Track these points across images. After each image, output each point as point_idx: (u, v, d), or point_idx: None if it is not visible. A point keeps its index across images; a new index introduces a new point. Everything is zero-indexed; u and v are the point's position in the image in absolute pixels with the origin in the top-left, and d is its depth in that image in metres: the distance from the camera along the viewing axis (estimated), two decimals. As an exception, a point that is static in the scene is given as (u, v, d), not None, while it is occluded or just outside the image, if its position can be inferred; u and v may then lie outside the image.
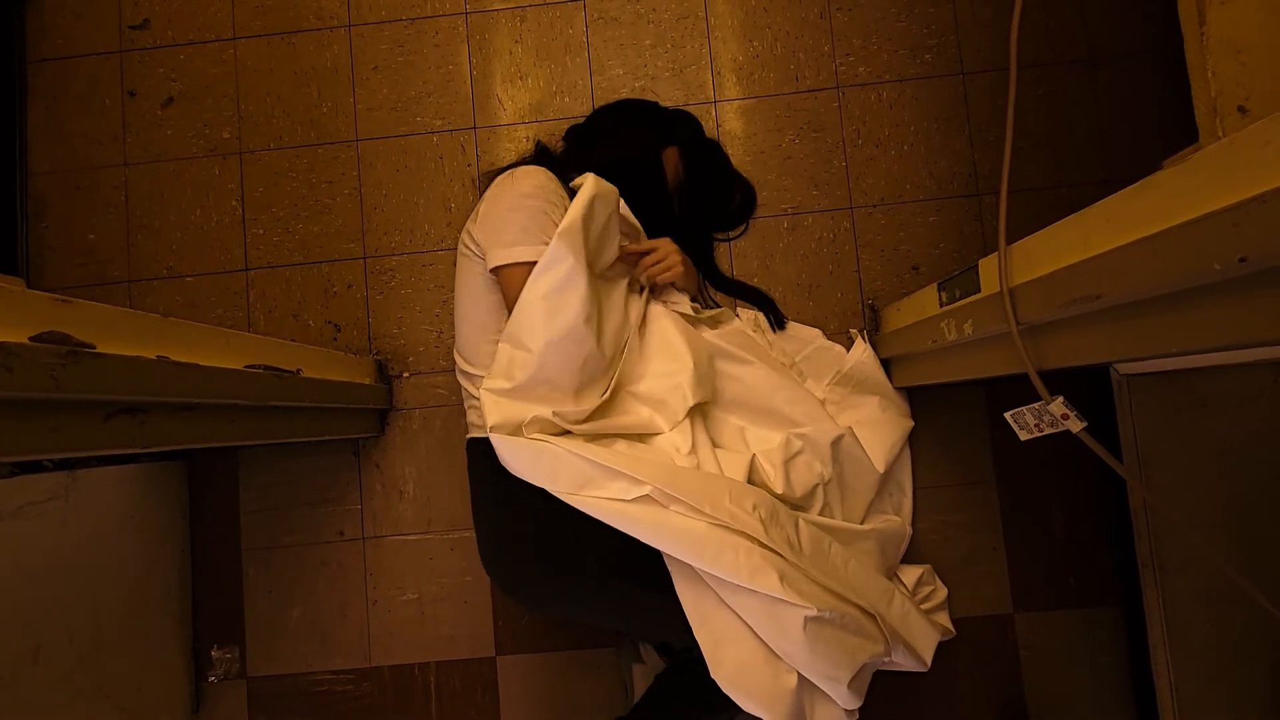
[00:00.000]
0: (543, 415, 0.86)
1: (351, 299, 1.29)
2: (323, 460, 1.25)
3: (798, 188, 1.27)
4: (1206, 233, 0.45)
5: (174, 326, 0.73)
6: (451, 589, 1.22)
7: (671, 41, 1.32)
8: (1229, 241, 0.43)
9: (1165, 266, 0.49)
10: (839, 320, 1.23)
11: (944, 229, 1.25)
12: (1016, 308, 0.70)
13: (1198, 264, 0.46)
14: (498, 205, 0.93)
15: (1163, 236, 0.49)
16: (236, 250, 1.31)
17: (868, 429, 1.11)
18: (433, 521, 1.23)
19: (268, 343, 0.92)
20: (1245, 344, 0.47)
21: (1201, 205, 0.46)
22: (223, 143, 1.34)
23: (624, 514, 0.83)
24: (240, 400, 0.81)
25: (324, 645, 1.23)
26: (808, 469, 1.01)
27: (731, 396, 1.06)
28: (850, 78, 1.29)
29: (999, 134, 1.26)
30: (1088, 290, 0.58)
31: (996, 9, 1.29)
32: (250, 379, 0.84)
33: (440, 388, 1.26)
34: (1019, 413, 0.75)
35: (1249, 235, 0.42)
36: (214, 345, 0.79)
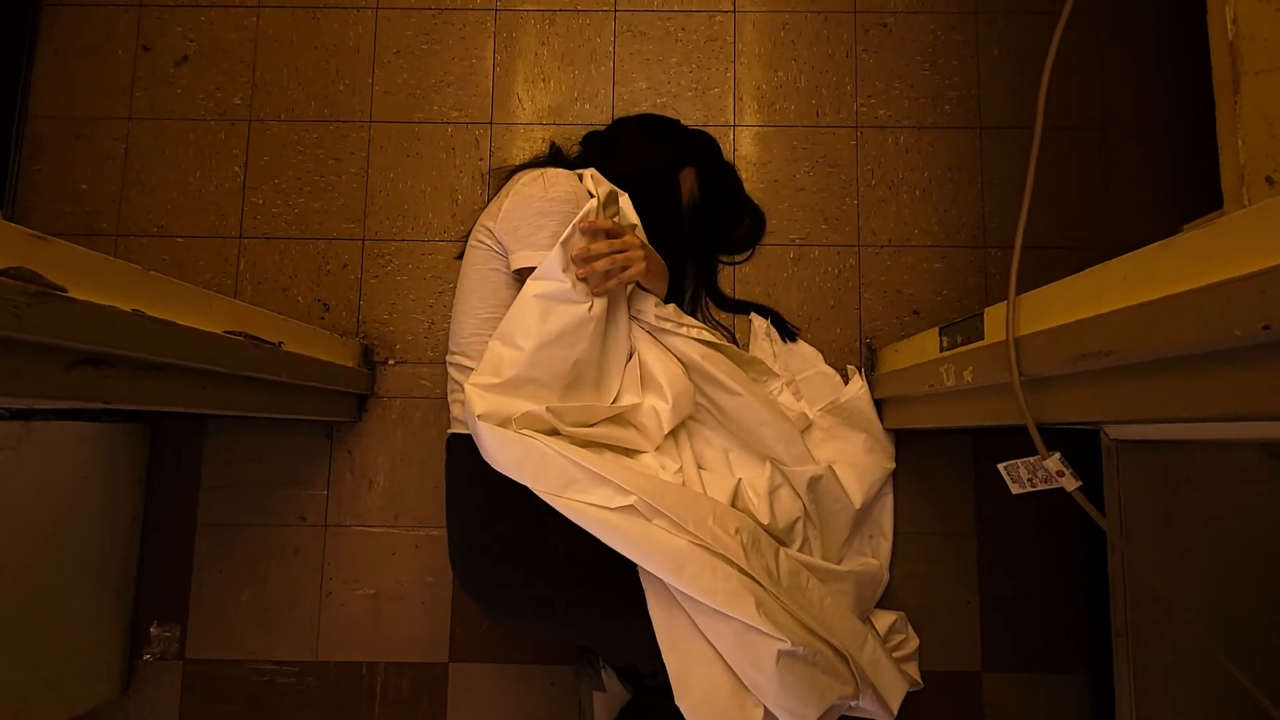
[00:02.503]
0: (535, 411, 0.83)
1: (344, 279, 1.26)
2: (293, 440, 1.21)
3: (807, 220, 1.27)
4: (1230, 297, 0.44)
5: (154, 281, 0.70)
6: (411, 588, 1.18)
7: (698, 62, 1.33)
8: (1253, 308, 0.43)
9: (1183, 328, 0.48)
10: (835, 356, 1.22)
11: (948, 277, 1.25)
12: (1021, 358, 0.69)
13: (1218, 328, 0.45)
14: (529, 206, 0.90)
15: (1183, 298, 0.48)
16: (232, 217, 1.28)
17: (849, 466, 1.10)
18: (400, 516, 1.19)
19: (251, 311, 0.89)
20: (1257, 415, 0.46)
21: (1226, 269, 0.45)
22: (233, 108, 1.32)
23: (605, 522, 0.80)
24: (215, 366, 0.78)
25: (270, 633, 1.17)
26: (790, 502, 1.00)
27: (719, 421, 1.04)
28: (869, 118, 1.30)
29: (1011, 190, 1.27)
30: (1098, 346, 0.57)
31: (1018, 69, 1.31)
32: (228, 345, 0.81)
33: (425, 379, 1.23)
34: (1012, 465, 0.74)
35: (1275, 302, 0.41)
36: (194, 306, 0.76)
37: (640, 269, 0.89)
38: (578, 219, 0.86)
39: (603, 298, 0.89)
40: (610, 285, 0.88)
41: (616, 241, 0.87)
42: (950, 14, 1.33)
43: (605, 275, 0.87)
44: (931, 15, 1.33)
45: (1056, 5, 1.33)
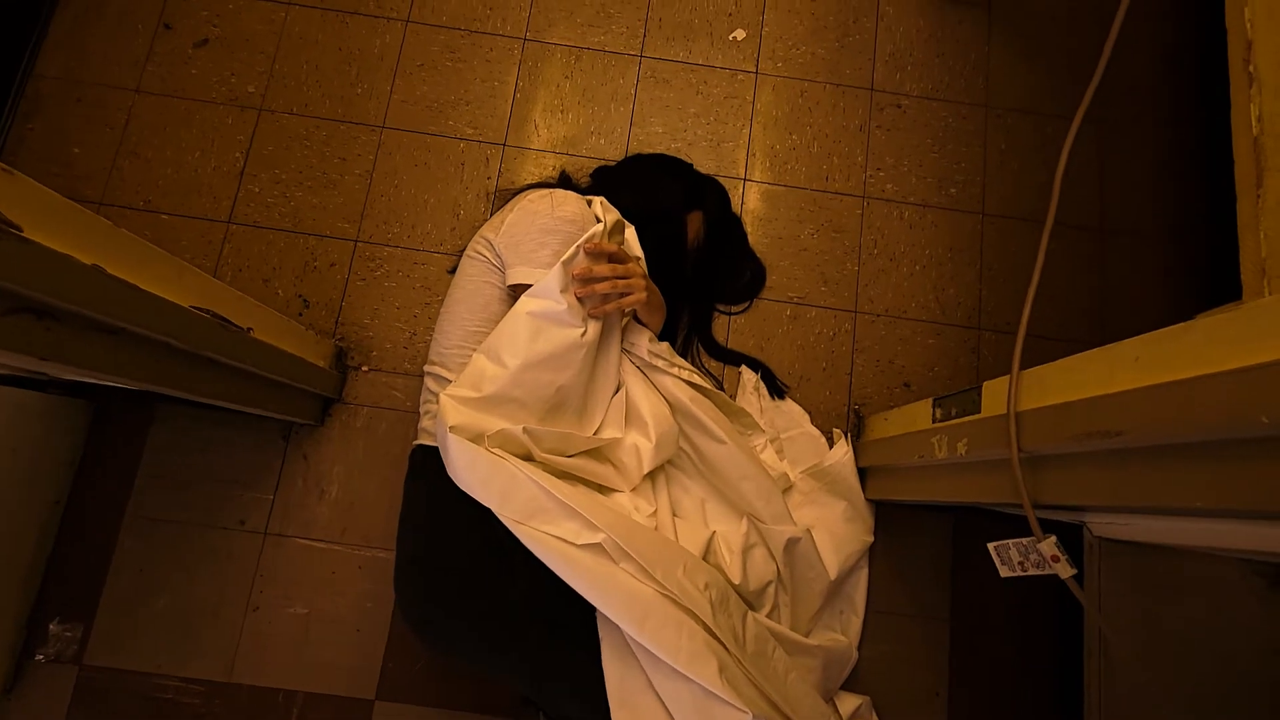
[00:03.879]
0: (511, 430, 0.78)
1: (330, 278, 1.22)
2: (247, 437, 1.14)
3: (807, 280, 1.27)
4: (1257, 383, 0.42)
5: (124, 238, 0.66)
6: (347, 611, 1.09)
7: (715, 116, 1.35)
8: (1283, 396, 0.40)
9: (1204, 412, 0.45)
10: (822, 418, 1.19)
11: (941, 353, 1.25)
12: (1021, 434, 0.67)
13: (1244, 415, 0.43)
14: (533, 222, 0.88)
15: (1206, 380, 0.46)
16: (225, 201, 1.25)
17: (827, 534, 1.05)
18: (348, 531, 1.11)
19: (224, 290, 0.84)
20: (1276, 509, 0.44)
21: (1253, 356, 0.43)
22: (245, 95, 1.30)
23: (569, 558, 0.74)
24: (173, 340, 0.73)
25: (183, 645, 1.07)
26: (764, 563, 0.95)
27: (698, 469, 1.00)
28: (877, 191, 1.32)
29: (1008, 277, 1.29)
30: (1108, 425, 0.55)
31: (1023, 163, 1.35)
32: (192, 320, 0.75)
33: (397, 390, 1.17)
34: (1003, 546, 0.70)
35: (1307, 392, 0.39)
36: (163, 272, 0.71)
37: (641, 298, 0.86)
38: (583, 239, 0.83)
39: (597, 325, 0.86)
40: (608, 309, 0.85)
41: (620, 267, 0.85)
42: (962, 104, 1.37)
43: (604, 299, 0.84)
44: (944, 103, 1.37)
45: (1063, 109, 1.39)
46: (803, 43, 1.39)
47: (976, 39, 1.41)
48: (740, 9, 1.40)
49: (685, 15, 1.39)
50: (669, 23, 1.39)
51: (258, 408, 0.96)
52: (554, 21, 1.37)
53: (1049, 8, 1.44)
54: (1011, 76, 1.39)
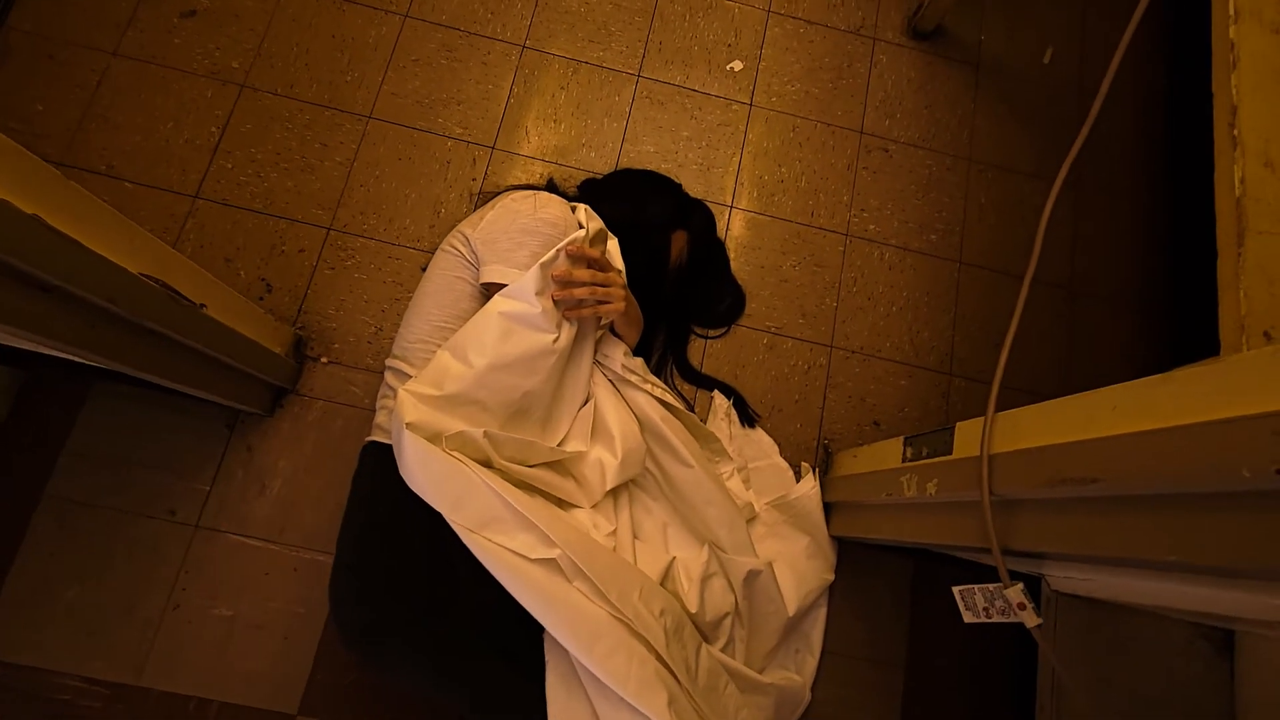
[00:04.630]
0: (471, 433, 0.74)
1: (297, 263, 1.17)
2: (189, 422, 1.07)
3: (786, 311, 1.27)
4: (1242, 435, 0.41)
5: (72, 192, 0.61)
6: (276, 617, 1.01)
7: (707, 141, 1.35)
8: (1267, 449, 0.40)
9: (1185, 462, 0.45)
10: (791, 450, 1.17)
11: (912, 395, 1.25)
12: (993, 477, 0.66)
13: (1225, 466, 0.42)
14: (513, 221, 0.86)
15: (1188, 430, 0.45)
16: (194, 174, 1.19)
17: (788, 569, 1.03)
18: (286, 531, 1.05)
19: (180, 261, 0.79)
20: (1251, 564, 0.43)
21: (1233, 408, 0.43)
22: (229, 70, 1.26)
23: (521, 573, 0.70)
24: (115, 306, 0.68)
25: (89, 642, 0.98)
26: (723, 594, 0.92)
27: (663, 491, 0.97)
28: (860, 230, 1.34)
29: (981, 327, 1.31)
30: (1083, 472, 0.54)
31: (1000, 218, 1.38)
32: (139, 288, 0.71)
33: (356, 386, 1.12)
34: (969, 591, 0.69)
35: (1290, 447, 0.39)
36: (112, 233, 0.67)
37: (619, 308, 0.84)
38: (565, 242, 0.81)
39: (570, 332, 0.84)
40: (584, 314, 0.83)
41: (600, 274, 0.83)
42: (946, 155, 1.40)
43: (580, 304, 0.82)
44: (930, 152, 1.40)
45: (1041, 171, 1.43)
46: (797, 80, 1.41)
47: (963, 96, 1.45)
48: (739, 41, 1.42)
49: (685, 42, 1.41)
50: (669, 47, 1.40)
51: (203, 390, 0.91)
52: (555, 33, 1.37)
53: (1031, 76, 1.49)
54: (994, 135, 1.43)
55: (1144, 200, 1.44)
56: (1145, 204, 1.43)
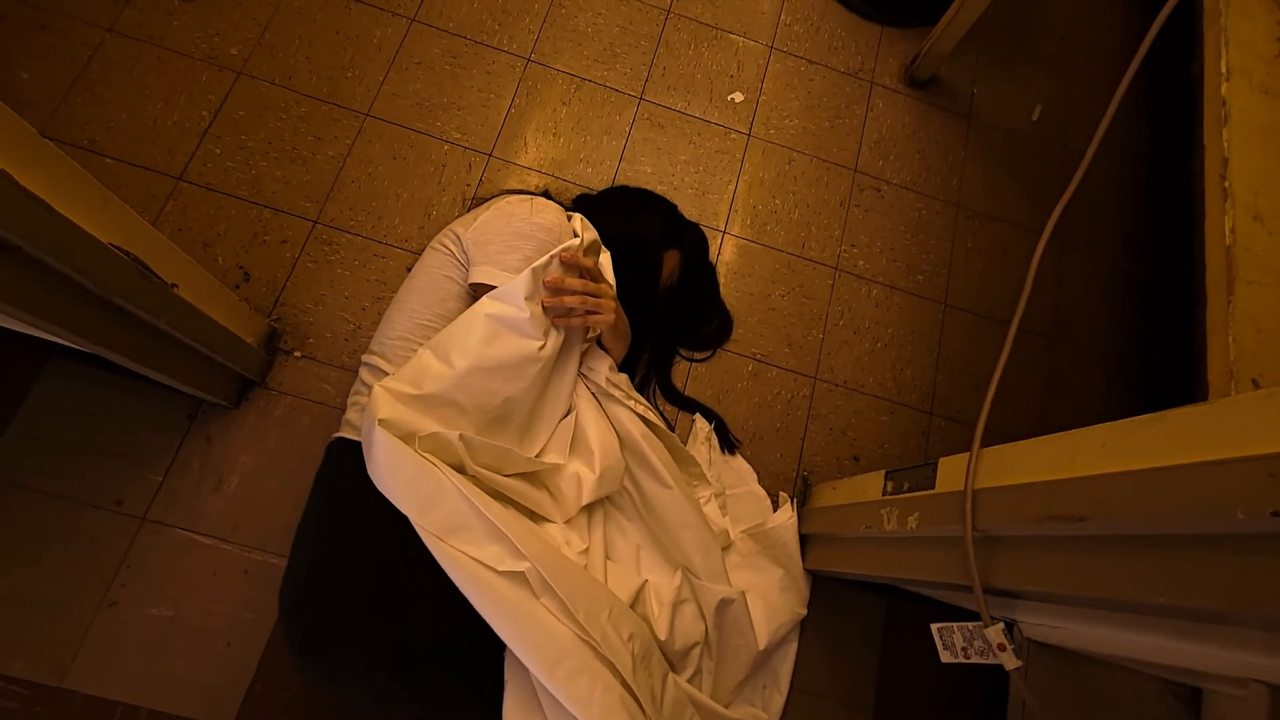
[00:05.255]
0: (446, 435, 0.71)
1: (278, 254, 1.14)
2: (148, 409, 1.02)
3: (773, 339, 1.26)
4: (1237, 476, 0.41)
5: (46, 151, 0.59)
6: (220, 622, 0.95)
7: (704, 166, 1.36)
8: (1262, 491, 0.39)
9: (1178, 502, 0.44)
10: (770, 480, 1.16)
11: (892, 432, 1.25)
12: (977, 512, 0.65)
13: (1219, 507, 0.41)
14: (508, 224, 0.84)
15: (1181, 471, 0.44)
16: (180, 156, 1.16)
17: (760, 601, 1.00)
18: (240, 530, 0.99)
19: (154, 237, 0.76)
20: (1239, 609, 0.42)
21: (1225, 450, 0.43)
22: (227, 57, 1.24)
23: (486, 585, 0.67)
24: (79, 276, 0.64)
25: (13, 637, 0.91)
26: (693, 622, 0.89)
27: (639, 511, 0.94)
28: (849, 265, 1.35)
29: (963, 368, 1.31)
30: (1070, 510, 0.53)
31: (986, 264, 1.41)
32: (107, 259, 0.67)
33: (328, 383, 1.08)
34: (947, 629, 0.67)
35: (1286, 490, 0.38)
36: (86, 198, 0.64)
37: (608, 320, 0.83)
38: (559, 249, 0.80)
39: (556, 341, 0.82)
40: (573, 323, 0.81)
41: (592, 284, 0.82)
42: (936, 200, 1.43)
43: (570, 312, 0.80)
44: (920, 195, 1.43)
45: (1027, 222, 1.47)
46: (796, 116, 1.44)
47: (955, 144, 1.49)
48: (741, 74, 1.45)
49: (689, 69, 1.43)
50: (672, 73, 1.42)
51: (166, 375, 0.86)
52: (561, 50, 1.38)
53: (1020, 131, 1.54)
54: (983, 183, 1.47)
55: (1122, 256, 1.47)
56: (1123, 260, 1.47)
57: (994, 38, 1.59)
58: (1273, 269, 0.56)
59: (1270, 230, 0.57)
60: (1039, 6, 1.68)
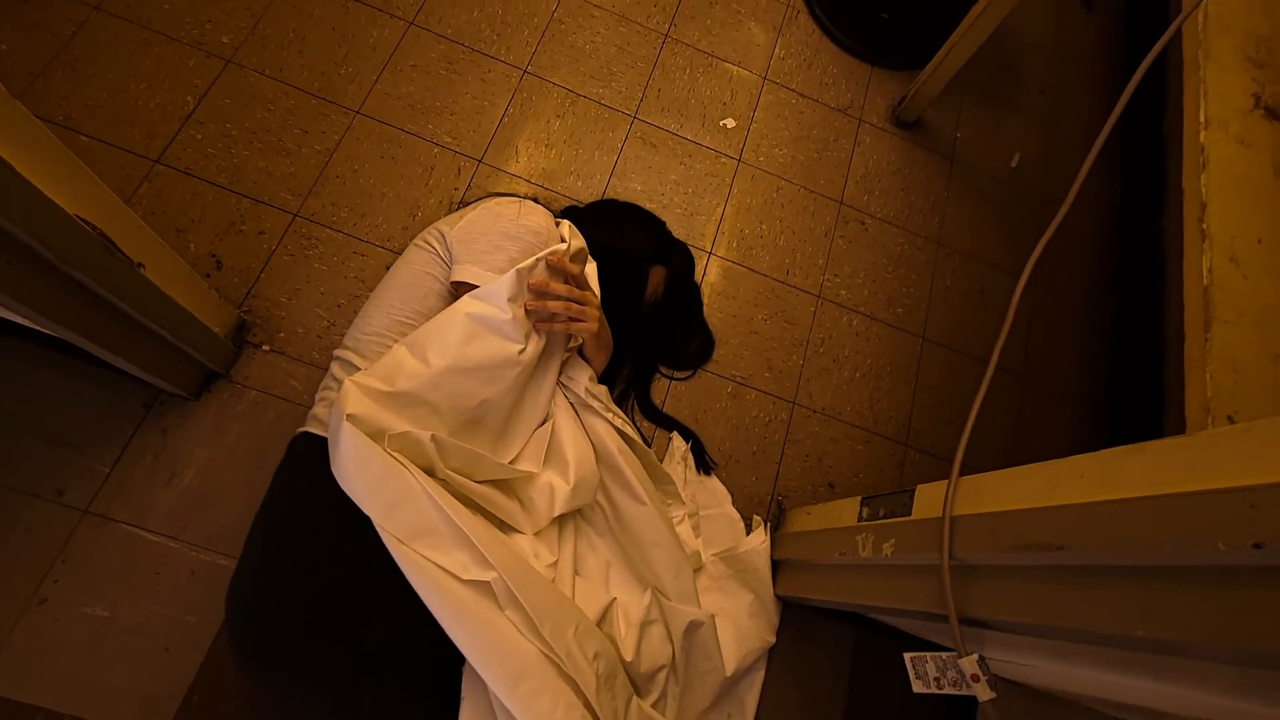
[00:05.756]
0: (417, 435, 0.69)
1: (255, 245, 1.11)
2: (101, 395, 0.97)
3: (753, 362, 1.26)
4: (1219, 508, 0.41)
5: (15, 113, 0.56)
6: (159, 624, 0.90)
7: (693, 188, 1.37)
8: (1244, 523, 0.39)
9: (1159, 533, 0.44)
10: (744, 503, 1.14)
11: (867, 461, 1.25)
12: (954, 540, 0.64)
13: (1200, 539, 0.41)
14: (495, 224, 0.83)
15: (1162, 501, 0.44)
16: (159, 139, 1.13)
17: (730, 626, 0.98)
18: (189, 528, 0.94)
19: (124, 213, 0.73)
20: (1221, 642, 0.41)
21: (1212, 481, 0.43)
22: (217, 44, 1.22)
23: (449, 594, 0.64)
24: (40, 246, 0.61)
25: (-73, 633, 0.85)
26: (660, 645, 0.86)
27: (610, 527, 0.92)
28: (832, 294, 1.36)
29: (938, 402, 1.33)
30: (1050, 539, 0.52)
31: (963, 301, 1.43)
32: (72, 231, 0.64)
33: (296, 380, 1.05)
34: (920, 659, 0.66)
35: (1267, 521, 0.38)
36: (55, 166, 0.61)
37: (591, 328, 0.81)
38: (546, 252, 0.79)
39: (537, 345, 0.80)
40: (556, 329, 0.80)
41: (577, 291, 0.80)
42: (918, 236, 1.46)
43: (553, 317, 0.79)
44: (902, 231, 1.46)
45: (1004, 264, 1.50)
46: (785, 145, 1.46)
47: (938, 184, 1.53)
48: (734, 101, 1.47)
49: (683, 93, 1.45)
50: (666, 95, 1.43)
51: (124, 359, 0.82)
52: (558, 64, 1.39)
53: (1000, 176, 1.59)
54: (963, 223, 1.50)
55: (1093, 302, 1.52)
56: (1094, 305, 1.51)
57: (978, 86, 1.64)
58: (1248, 310, 0.57)
59: (1245, 273, 0.58)
60: (1021, 60, 1.74)
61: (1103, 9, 1.90)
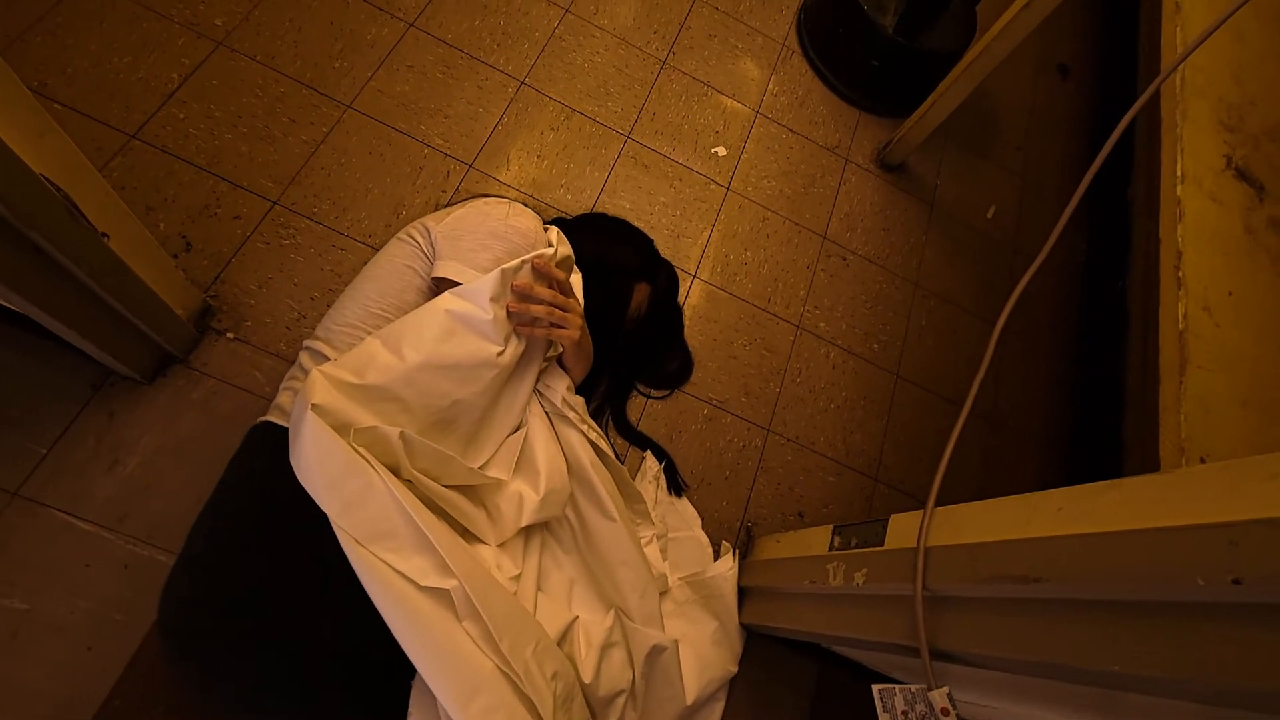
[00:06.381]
0: (385, 431, 0.66)
1: (228, 229, 1.07)
2: (46, 372, 0.91)
3: (731, 386, 1.26)
4: (1198, 543, 0.41)
5: (-7, 56, 0.53)
6: (84, 621, 0.83)
7: (681, 210, 1.38)
8: (1222, 559, 0.39)
9: (1137, 566, 0.44)
10: (713, 527, 1.13)
11: (837, 493, 1.24)
12: (928, 570, 0.63)
13: (1179, 574, 0.41)
14: (483, 222, 0.81)
15: (1141, 536, 0.44)
16: (138, 114, 1.10)
17: (692, 654, 0.95)
18: (128, 519, 0.89)
19: (94, 178, 0.70)
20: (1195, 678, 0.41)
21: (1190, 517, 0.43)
22: (209, 26, 1.20)
23: (405, 601, 0.60)
24: None
25: None
26: (621, 669, 0.83)
27: (577, 543, 0.89)
28: (811, 325, 1.37)
29: (909, 440, 1.34)
30: (1028, 571, 0.52)
31: (938, 342, 1.46)
32: (35, 190, 0.61)
33: (259, 371, 1.00)
34: (888, 691, 0.64)
35: (1246, 558, 0.38)
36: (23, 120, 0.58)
37: (573, 336, 0.80)
38: (532, 255, 0.77)
39: (516, 349, 0.78)
40: (537, 333, 0.78)
41: (561, 297, 0.79)
42: (896, 276, 1.49)
43: (535, 321, 0.77)
44: (882, 269, 1.49)
45: (977, 309, 1.54)
46: (773, 178, 1.49)
47: (917, 228, 1.57)
48: (726, 130, 1.50)
49: (677, 119, 1.47)
50: (661, 119, 1.45)
51: (76, 332, 0.78)
52: (556, 79, 1.40)
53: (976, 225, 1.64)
54: (939, 267, 1.54)
55: (1058, 355, 1.56)
56: (1058, 357, 1.56)
57: (959, 138, 1.71)
58: (1220, 358, 0.58)
59: (1217, 322, 0.60)
60: (1000, 118, 1.82)
61: (1078, 79, 2.00)
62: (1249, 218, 0.69)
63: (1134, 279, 1.53)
